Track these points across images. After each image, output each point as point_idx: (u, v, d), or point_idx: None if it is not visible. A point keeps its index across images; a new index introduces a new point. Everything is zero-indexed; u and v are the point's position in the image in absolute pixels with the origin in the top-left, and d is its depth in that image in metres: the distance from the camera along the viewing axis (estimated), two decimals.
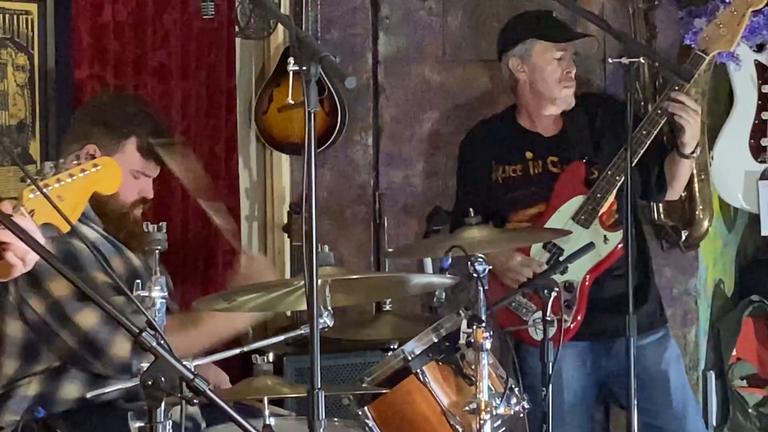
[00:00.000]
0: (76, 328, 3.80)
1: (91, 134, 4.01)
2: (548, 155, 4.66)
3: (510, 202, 4.69)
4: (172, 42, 4.95)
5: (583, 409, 4.72)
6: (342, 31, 5.54)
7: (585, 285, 4.53)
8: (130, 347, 3.77)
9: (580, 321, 4.51)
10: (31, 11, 4.53)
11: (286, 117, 5.37)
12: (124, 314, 2.61)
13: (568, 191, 4.58)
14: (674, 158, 4.55)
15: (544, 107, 4.67)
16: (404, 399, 3.69)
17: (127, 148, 4.01)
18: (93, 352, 3.82)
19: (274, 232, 5.63)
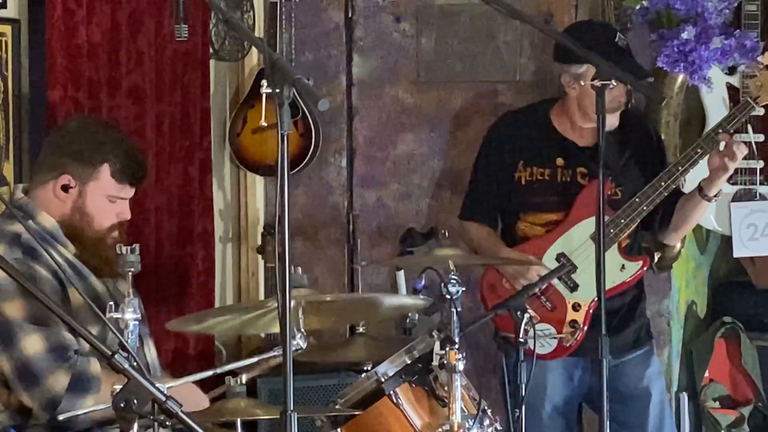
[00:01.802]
0: (18, 352, 3.75)
1: (64, 164, 4.00)
2: (579, 166, 4.59)
3: (528, 205, 4.63)
4: (147, 64, 4.95)
5: (564, 421, 4.73)
6: (316, 53, 5.56)
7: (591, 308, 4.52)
8: (67, 385, 3.75)
9: (579, 341, 4.52)
10: (5, 33, 4.52)
11: (260, 139, 5.39)
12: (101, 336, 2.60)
13: (590, 207, 4.43)
14: (694, 198, 4.52)
15: (586, 122, 4.59)
16: (377, 420, 3.68)
17: (101, 175, 4.01)
18: (28, 381, 3.76)
19: (248, 253, 5.64)
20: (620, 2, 5.10)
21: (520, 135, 4.71)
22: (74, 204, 3.99)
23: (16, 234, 3.85)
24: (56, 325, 3.78)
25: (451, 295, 3.69)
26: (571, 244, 4.54)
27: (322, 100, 2.92)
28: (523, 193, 4.66)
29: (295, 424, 2.87)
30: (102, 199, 4.01)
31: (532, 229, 4.64)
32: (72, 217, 3.99)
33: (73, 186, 3.99)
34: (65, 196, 3.99)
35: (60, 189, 3.99)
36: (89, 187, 4.00)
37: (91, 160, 3.99)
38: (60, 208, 3.99)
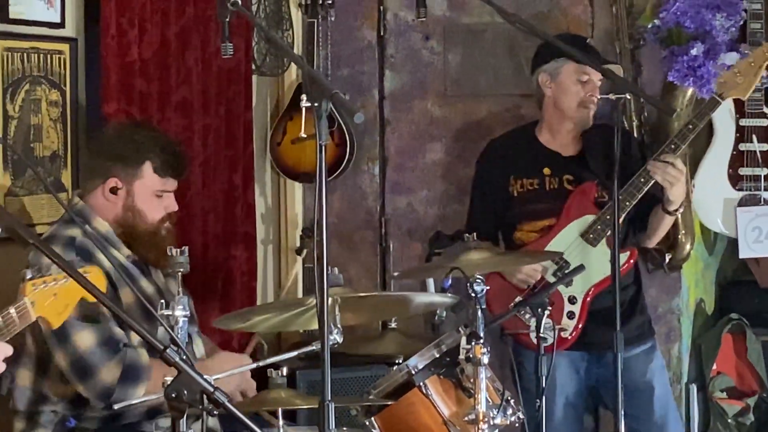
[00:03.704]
0: (73, 347, 3.77)
1: (110, 168, 4.03)
2: (565, 173, 4.62)
3: (523, 214, 4.65)
4: (194, 79, 4.95)
5: (574, 412, 4.71)
6: (351, 69, 5.56)
7: (587, 299, 4.52)
8: (119, 375, 3.77)
9: (578, 332, 4.50)
10: (63, 51, 4.53)
11: (299, 148, 5.39)
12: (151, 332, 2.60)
13: (578, 209, 4.55)
14: (658, 212, 4.52)
15: (563, 124, 4.64)
16: (408, 410, 3.68)
17: (145, 173, 4.02)
18: (82, 374, 3.79)
19: (287, 254, 5.64)
20: (634, 21, 5.10)
21: (509, 153, 4.75)
22: (124, 204, 4.01)
23: (72, 237, 3.87)
24: (106, 321, 3.79)
25: (476, 294, 3.69)
26: (563, 244, 4.53)
27: (358, 113, 2.92)
28: (516, 204, 4.68)
29: (333, 413, 2.88)
30: (149, 195, 4.03)
31: (528, 236, 4.65)
32: (124, 216, 4.01)
33: (120, 187, 4.00)
34: (115, 198, 4.01)
35: (109, 192, 4.00)
36: (135, 186, 4.01)
37: (133, 161, 4.01)
38: (112, 209, 4.01)
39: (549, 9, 5.31)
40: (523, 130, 4.83)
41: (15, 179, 4.35)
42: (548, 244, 4.56)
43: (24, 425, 3.93)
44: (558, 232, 4.57)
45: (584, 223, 4.53)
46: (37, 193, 4.44)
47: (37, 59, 4.42)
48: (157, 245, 3.97)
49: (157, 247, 3.96)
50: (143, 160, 4.02)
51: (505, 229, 4.72)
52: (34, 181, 4.41)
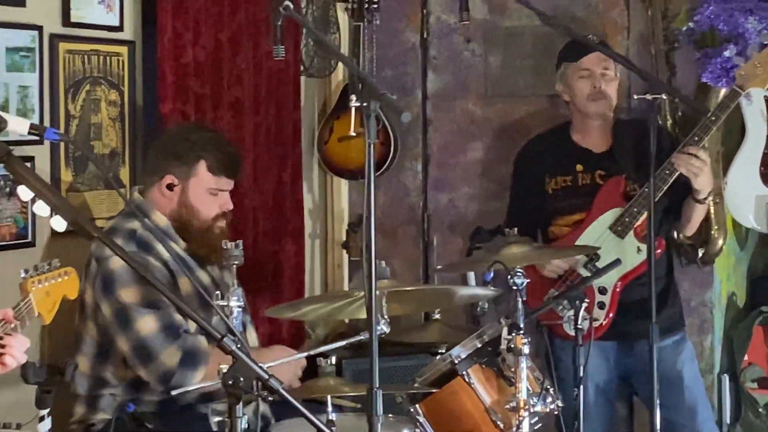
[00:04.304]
0: (135, 333, 3.81)
1: (166, 166, 4.06)
2: (597, 169, 4.63)
3: (557, 209, 4.66)
4: (245, 80, 4.98)
5: (605, 400, 4.70)
6: (395, 70, 5.57)
7: (616, 290, 4.51)
8: (179, 359, 3.81)
9: (610, 321, 4.50)
10: (122, 53, 4.57)
11: (346, 146, 5.40)
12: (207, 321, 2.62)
13: (607, 203, 4.55)
14: (690, 201, 4.51)
15: (587, 122, 4.67)
16: (451, 398, 3.70)
17: (199, 171, 4.06)
18: (144, 358, 3.82)
19: (334, 248, 5.65)
20: (669, 24, 5.08)
21: (544, 152, 4.76)
22: (179, 200, 4.04)
23: (132, 230, 3.91)
24: (167, 308, 3.83)
25: (517, 286, 3.70)
26: (593, 237, 4.53)
27: (405, 113, 2.93)
28: (551, 200, 4.69)
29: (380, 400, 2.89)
30: (203, 193, 4.06)
31: (561, 230, 4.66)
32: (180, 211, 4.04)
33: (176, 184, 4.04)
34: (171, 194, 4.04)
35: (165, 188, 4.04)
36: (190, 184, 4.05)
37: (188, 159, 4.04)
38: (168, 205, 4.05)
39: (586, 13, 5.29)
40: (558, 129, 4.83)
41: (76, 175, 4.39)
42: (579, 237, 4.57)
43: (84, 409, 3.97)
44: (588, 226, 4.57)
45: (613, 216, 4.53)
46: (97, 188, 4.48)
47: (97, 61, 4.46)
48: (209, 242, 4.01)
49: (209, 244, 4.00)
50: (198, 158, 4.05)
51: (542, 225, 4.73)
52: (95, 177, 4.45)
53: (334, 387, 3.50)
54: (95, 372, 3.93)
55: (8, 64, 4.09)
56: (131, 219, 3.95)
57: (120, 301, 3.83)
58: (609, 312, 4.50)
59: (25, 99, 4.16)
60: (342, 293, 4.03)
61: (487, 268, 3.78)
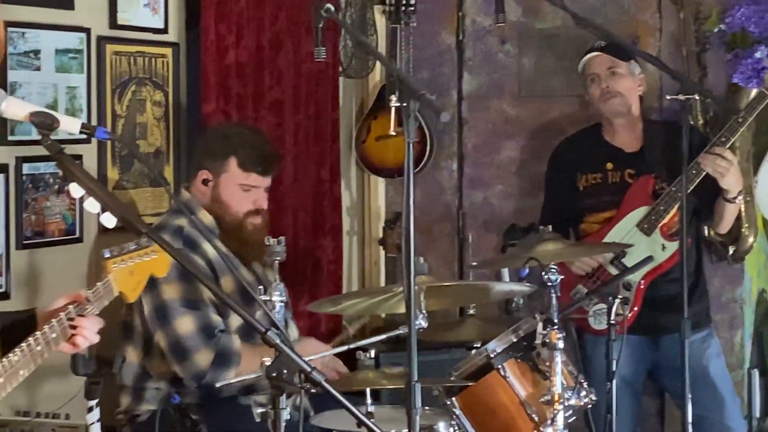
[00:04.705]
0: (173, 330, 3.84)
1: (202, 162, 4.09)
2: (626, 168, 4.63)
3: (588, 207, 4.67)
4: (285, 81, 4.99)
5: (632, 394, 4.69)
6: (431, 71, 5.57)
7: (641, 287, 4.50)
8: (211, 360, 3.81)
9: (633, 316, 4.48)
10: (166, 55, 4.59)
11: (383, 145, 5.41)
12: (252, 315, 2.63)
13: (636, 201, 4.56)
14: (720, 200, 4.49)
15: (610, 121, 4.69)
16: (487, 391, 3.70)
17: (230, 166, 4.08)
18: (179, 356, 3.85)
19: (371, 245, 5.66)
20: (700, 25, 5.06)
21: (577, 151, 4.78)
22: (212, 195, 4.07)
23: (179, 227, 3.93)
24: (206, 308, 3.85)
25: (551, 282, 3.70)
26: (620, 234, 4.53)
27: (444, 113, 2.93)
28: (582, 198, 4.69)
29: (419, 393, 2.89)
30: (235, 188, 4.07)
31: (592, 227, 4.66)
32: (212, 206, 4.06)
33: (210, 179, 4.07)
34: (205, 189, 4.07)
35: (201, 183, 4.07)
36: (222, 178, 4.07)
37: (220, 155, 4.07)
38: (203, 199, 4.07)
39: (618, 15, 5.28)
40: (590, 129, 4.84)
41: (122, 173, 4.41)
42: (607, 234, 4.57)
43: (130, 400, 4.00)
44: (616, 223, 4.57)
45: (640, 214, 4.53)
46: (142, 186, 4.50)
47: (142, 62, 4.48)
48: (240, 237, 4.02)
49: (240, 239, 4.01)
50: (229, 154, 4.07)
51: (574, 222, 4.72)
52: (140, 175, 4.48)
53: (373, 380, 3.50)
54: (141, 365, 3.96)
55: (57, 66, 4.12)
56: (179, 216, 3.97)
57: (161, 297, 3.85)
58: (633, 307, 4.49)
59: (73, 99, 4.18)
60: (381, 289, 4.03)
61: (522, 265, 3.77)
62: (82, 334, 2.69)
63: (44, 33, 4.06)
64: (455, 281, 4.92)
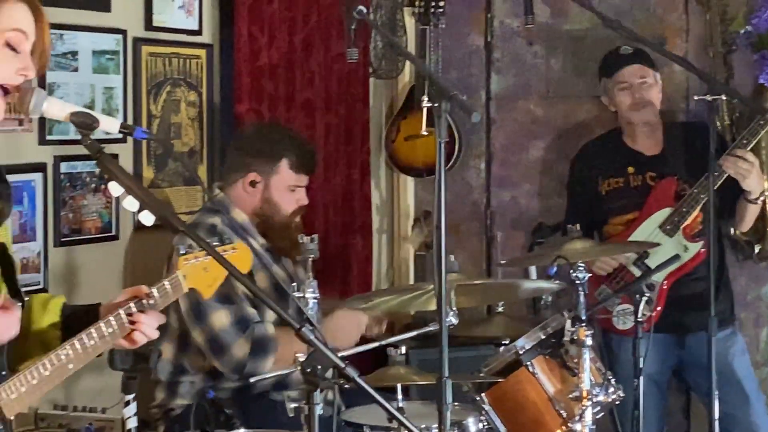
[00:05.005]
0: (209, 326, 3.84)
1: (250, 164, 4.08)
2: (648, 171, 4.63)
3: (611, 210, 4.66)
4: (317, 81, 5.00)
5: (658, 392, 4.68)
6: (459, 72, 5.57)
7: (663, 287, 4.50)
8: (248, 351, 3.83)
9: (656, 315, 4.47)
10: (200, 56, 4.60)
11: (412, 145, 5.41)
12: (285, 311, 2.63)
13: (658, 202, 4.55)
14: (742, 201, 4.48)
15: (633, 127, 4.68)
16: (516, 387, 3.70)
17: (281, 168, 4.08)
18: (217, 350, 3.85)
19: (399, 243, 5.66)
20: (727, 27, 5.04)
21: (598, 156, 4.78)
22: (262, 196, 4.07)
23: (213, 224, 3.94)
24: (240, 302, 3.85)
25: (579, 280, 3.69)
26: (643, 235, 4.52)
27: (475, 113, 2.91)
28: (605, 202, 4.69)
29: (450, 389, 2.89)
30: (284, 190, 4.08)
31: (616, 228, 4.65)
32: (262, 207, 4.07)
33: (259, 181, 4.06)
34: (253, 191, 4.06)
35: (249, 185, 4.06)
36: (273, 181, 4.07)
37: (271, 157, 4.06)
38: (251, 201, 4.07)
39: (646, 16, 5.27)
40: (610, 134, 4.84)
41: (157, 172, 4.43)
42: (630, 235, 4.56)
43: (164, 394, 4.01)
44: (639, 225, 4.56)
45: (663, 216, 4.52)
46: (176, 185, 4.52)
47: (177, 63, 4.49)
48: (289, 236, 4.03)
49: (289, 238, 4.02)
50: (280, 157, 4.07)
51: (597, 225, 4.72)
52: (174, 174, 4.49)
53: (404, 376, 3.50)
54: (176, 359, 3.97)
55: (94, 67, 4.14)
56: (212, 214, 3.98)
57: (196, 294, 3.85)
58: (656, 307, 4.48)
59: (109, 99, 4.20)
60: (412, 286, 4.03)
61: (550, 263, 3.76)
62: (141, 330, 2.66)
63: (82, 35, 4.08)
64: (483, 279, 4.91)
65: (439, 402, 2.86)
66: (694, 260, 4.47)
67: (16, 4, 2.51)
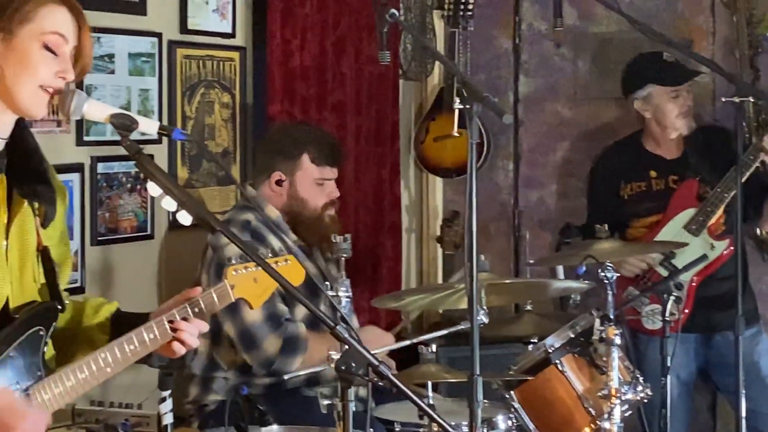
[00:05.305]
0: (241, 320, 3.84)
1: (274, 164, 4.09)
2: (670, 174, 4.62)
3: (634, 213, 4.65)
4: (348, 83, 5.01)
5: (686, 391, 4.67)
6: (488, 74, 5.56)
7: (692, 285, 4.49)
8: (279, 348, 3.83)
9: (686, 315, 4.46)
10: (234, 58, 4.61)
11: (441, 146, 5.41)
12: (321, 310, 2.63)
13: (682, 204, 4.54)
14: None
15: (669, 134, 4.65)
16: (545, 385, 3.68)
17: (303, 164, 4.08)
18: (248, 345, 3.86)
19: (429, 242, 5.66)
20: (753, 29, 5.01)
21: (618, 161, 4.76)
22: (289, 194, 4.07)
23: (247, 221, 3.95)
24: (273, 298, 3.85)
25: (608, 280, 3.68)
26: (668, 236, 4.50)
27: (507, 115, 2.92)
28: (627, 205, 4.68)
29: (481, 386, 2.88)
30: (310, 184, 4.08)
31: (639, 231, 4.64)
32: (291, 204, 4.07)
33: (284, 179, 4.07)
34: (280, 190, 4.07)
35: (275, 184, 4.07)
36: (297, 177, 4.07)
37: (292, 154, 4.07)
38: (279, 200, 4.08)
39: (672, 19, 5.25)
40: (629, 139, 4.82)
41: (191, 173, 4.44)
42: (655, 237, 4.54)
43: (198, 389, 4.02)
44: (663, 226, 4.55)
45: (687, 216, 4.50)
46: (210, 185, 4.53)
47: (211, 65, 4.50)
48: (320, 230, 4.03)
49: (320, 232, 4.02)
50: (301, 152, 4.08)
51: (619, 228, 4.69)
52: (208, 174, 4.51)
53: (435, 373, 3.49)
54: (210, 354, 3.98)
55: (130, 69, 4.15)
56: (245, 211, 3.99)
57: None
58: (685, 308, 4.46)
59: (145, 101, 4.22)
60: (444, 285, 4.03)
61: (579, 263, 3.75)
62: (181, 338, 2.64)
63: (118, 38, 4.09)
64: (512, 278, 4.90)
65: (471, 399, 2.86)
66: (720, 259, 4.46)
67: (57, 7, 2.52)
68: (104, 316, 2.71)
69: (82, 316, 2.71)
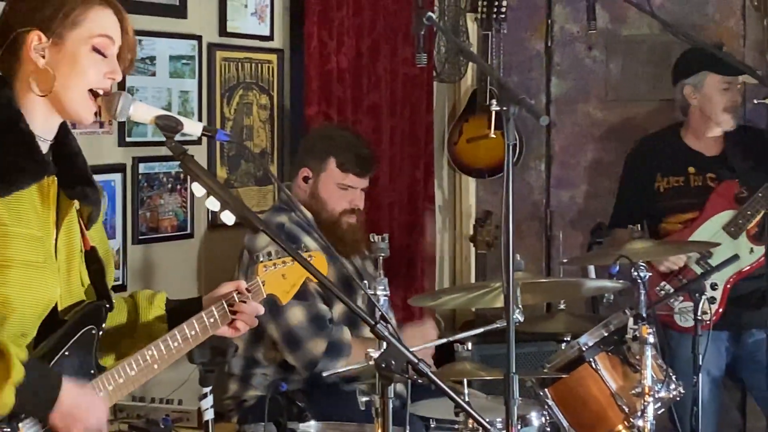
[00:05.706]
0: (284, 322, 3.84)
1: (303, 160, 4.11)
2: (708, 172, 4.56)
3: (669, 208, 4.60)
4: (383, 85, 5.00)
5: (717, 388, 4.63)
6: (520, 75, 5.55)
7: (727, 287, 4.45)
8: (324, 349, 3.83)
9: (719, 315, 4.42)
10: (272, 60, 4.61)
11: (474, 147, 5.39)
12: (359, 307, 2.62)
13: (720, 203, 4.49)
14: None
15: (710, 129, 4.59)
16: (579, 383, 3.67)
17: (329, 166, 4.07)
18: (292, 346, 3.85)
19: (462, 242, 5.65)
20: None
21: (655, 152, 4.69)
22: (311, 191, 4.07)
23: (281, 223, 3.95)
24: (313, 299, 3.85)
25: (641, 279, 3.66)
26: (706, 235, 4.46)
27: (543, 117, 2.90)
28: (663, 199, 4.61)
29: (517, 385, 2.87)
30: (332, 187, 4.07)
31: (674, 227, 4.59)
32: (311, 203, 4.07)
33: (310, 177, 4.07)
34: (305, 186, 4.08)
35: (302, 180, 4.08)
36: (321, 177, 4.07)
37: (320, 154, 4.08)
38: (302, 196, 4.09)
39: (703, 21, 5.22)
40: (668, 131, 4.76)
41: (230, 173, 4.45)
42: (691, 235, 4.50)
43: (237, 386, 4.02)
44: (700, 225, 4.51)
45: (725, 218, 4.46)
46: (248, 185, 4.54)
47: (249, 68, 4.51)
48: (334, 233, 4.01)
49: (336, 237, 4.00)
50: (329, 154, 4.07)
51: (652, 221, 4.65)
52: (246, 175, 4.51)
53: (471, 371, 3.48)
54: (248, 353, 3.98)
55: (171, 71, 4.16)
56: (280, 213, 3.99)
57: None
58: (719, 307, 4.43)
59: (185, 103, 4.22)
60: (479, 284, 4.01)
61: (612, 262, 3.73)
62: (243, 319, 2.70)
63: (159, 41, 4.10)
64: (545, 277, 4.88)
65: (507, 397, 2.84)
66: (759, 263, 4.41)
67: (103, 10, 2.53)
68: (159, 306, 2.74)
69: (138, 310, 2.73)
